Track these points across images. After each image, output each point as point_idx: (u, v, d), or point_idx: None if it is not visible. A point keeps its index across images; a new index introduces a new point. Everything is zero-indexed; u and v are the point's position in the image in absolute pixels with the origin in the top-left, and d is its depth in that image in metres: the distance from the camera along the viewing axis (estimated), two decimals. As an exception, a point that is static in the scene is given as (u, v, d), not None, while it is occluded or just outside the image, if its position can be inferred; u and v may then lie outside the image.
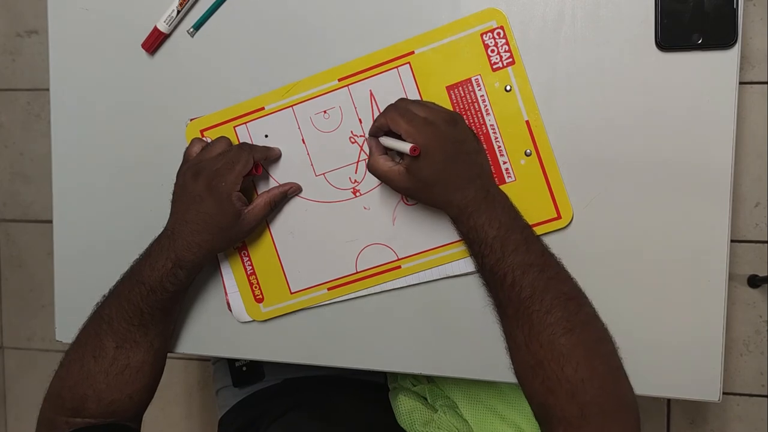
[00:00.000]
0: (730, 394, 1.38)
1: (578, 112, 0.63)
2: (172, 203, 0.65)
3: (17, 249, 1.63)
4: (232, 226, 0.64)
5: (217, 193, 0.62)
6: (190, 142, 0.67)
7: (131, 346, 0.64)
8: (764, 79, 1.31)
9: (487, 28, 0.63)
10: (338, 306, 0.70)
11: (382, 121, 0.59)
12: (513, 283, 0.57)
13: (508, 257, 0.57)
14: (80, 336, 0.66)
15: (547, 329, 0.55)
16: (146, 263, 0.64)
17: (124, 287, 0.65)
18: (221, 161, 0.63)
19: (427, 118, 0.58)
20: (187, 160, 0.66)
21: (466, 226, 0.59)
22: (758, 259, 1.35)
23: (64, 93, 0.73)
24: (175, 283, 0.64)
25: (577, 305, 0.57)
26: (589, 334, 0.57)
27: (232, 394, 0.90)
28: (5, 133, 1.62)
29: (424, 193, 0.60)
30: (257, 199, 0.66)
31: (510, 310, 0.57)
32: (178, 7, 0.68)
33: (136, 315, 0.64)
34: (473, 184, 0.59)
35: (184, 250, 0.63)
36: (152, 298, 0.63)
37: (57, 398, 0.65)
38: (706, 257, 0.63)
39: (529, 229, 0.60)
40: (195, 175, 0.63)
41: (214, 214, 0.62)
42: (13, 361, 1.66)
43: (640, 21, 0.61)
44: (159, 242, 0.64)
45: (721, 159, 0.62)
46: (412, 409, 0.74)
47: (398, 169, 0.59)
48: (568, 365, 0.54)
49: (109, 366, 0.63)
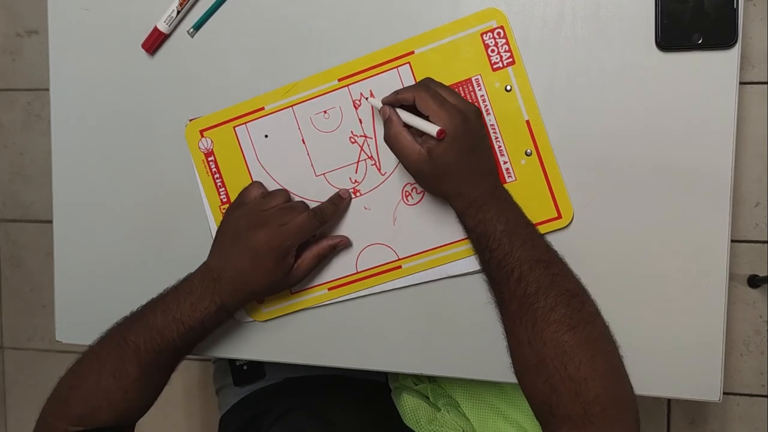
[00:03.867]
0: (730, 394, 1.38)
1: (578, 112, 0.63)
2: (218, 242, 0.65)
3: (17, 249, 1.63)
4: (281, 280, 0.64)
5: (275, 251, 0.62)
6: (250, 184, 0.67)
7: (157, 371, 0.64)
8: (764, 79, 1.31)
9: (487, 28, 0.63)
10: (339, 306, 0.70)
11: (407, 96, 0.59)
12: (519, 278, 0.56)
13: (516, 252, 0.57)
14: (99, 353, 0.65)
15: (551, 326, 0.55)
16: (186, 302, 0.63)
17: (157, 320, 0.63)
18: (288, 218, 0.62)
19: (458, 106, 0.58)
20: (243, 202, 0.66)
21: (475, 220, 0.59)
22: (758, 259, 1.35)
23: (64, 93, 0.73)
24: (214, 323, 0.64)
25: (580, 302, 0.57)
26: (591, 331, 0.56)
27: (232, 394, 0.89)
28: (5, 133, 1.62)
29: (437, 180, 0.59)
30: (305, 254, 0.65)
31: (514, 305, 0.57)
32: (178, 7, 0.68)
33: (169, 349, 0.63)
34: (485, 179, 0.60)
35: (229, 295, 0.62)
36: (190, 335, 0.63)
37: (63, 403, 0.64)
38: (707, 257, 0.63)
39: (534, 226, 0.61)
40: (254, 225, 0.62)
41: (269, 270, 0.62)
42: (13, 361, 1.66)
43: (640, 21, 0.61)
44: (202, 282, 0.63)
45: (721, 158, 0.62)
46: (417, 407, 0.74)
47: (419, 149, 0.58)
48: (571, 363, 0.54)
49: (129, 385, 0.63)
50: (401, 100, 0.60)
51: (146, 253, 0.73)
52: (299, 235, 0.62)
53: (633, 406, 0.56)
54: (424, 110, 0.58)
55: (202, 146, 0.70)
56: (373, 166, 0.67)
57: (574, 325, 0.55)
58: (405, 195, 0.67)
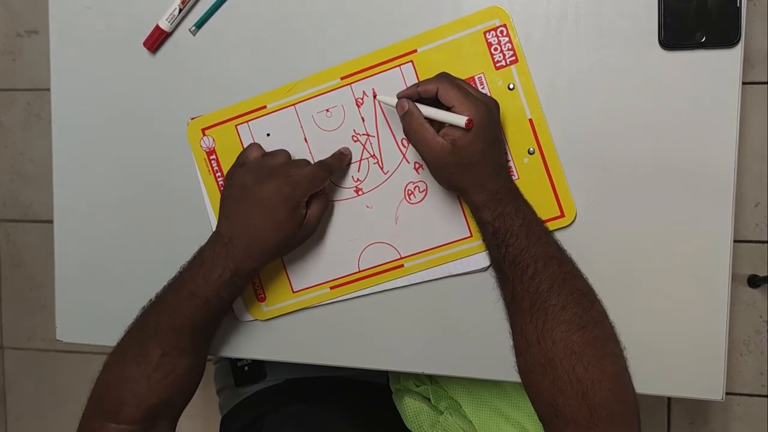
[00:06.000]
0: (730, 394, 1.38)
1: (581, 110, 0.63)
2: (224, 204, 0.63)
3: (17, 249, 1.63)
4: (295, 233, 0.63)
5: (288, 199, 0.60)
6: (249, 145, 0.66)
7: (178, 354, 0.62)
8: (764, 79, 1.32)
9: (490, 27, 0.63)
10: (340, 305, 0.70)
11: (430, 87, 0.58)
12: (534, 275, 0.56)
13: (533, 247, 0.57)
14: (123, 341, 0.64)
15: (561, 325, 0.55)
16: (199, 273, 0.61)
17: (173, 298, 0.62)
18: (296, 170, 0.61)
19: (481, 99, 0.58)
20: (244, 162, 0.64)
21: (495, 213, 0.58)
22: (758, 259, 1.35)
23: (65, 91, 0.73)
24: (232, 292, 0.62)
25: (590, 302, 0.57)
26: (600, 332, 0.56)
27: (233, 395, 0.89)
28: (5, 133, 1.61)
29: (461, 172, 0.58)
30: (312, 203, 0.64)
31: (526, 303, 0.57)
32: (180, 5, 0.68)
33: (187, 325, 0.61)
34: (503, 172, 0.60)
35: (244, 257, 0.61)
36: (206, 309, 0.61)
37: (98, 401, 0.62)
38: (710, 256, 0.63)
39: (545, 223, 0.61)
40: (260, 178, 0.61)
41: (281, 220, 0.61)
42: (13, 361, 1.66)
43: (643, 19, 0.61)
44: (213, 249, 0.62)
45: (724, 157, 0.62)
46: (419, 411, 0.74)
47: (443, 142, 0.58)
48: (579, 364, 0.53)
49: (152, 371, 0.61)
50: (423, 92, 0.59)
51: (147, 253, 0.73)
52: (310, 184, 0.61)
53: (637, 411, 0.56)
54: (447, 101, 0.57)
55: (204, 145, 0.70)
56: (376, 165, 0.67)
57: (584, 324, 0.55)
58: (407, 194, 0.67)
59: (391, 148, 0.66)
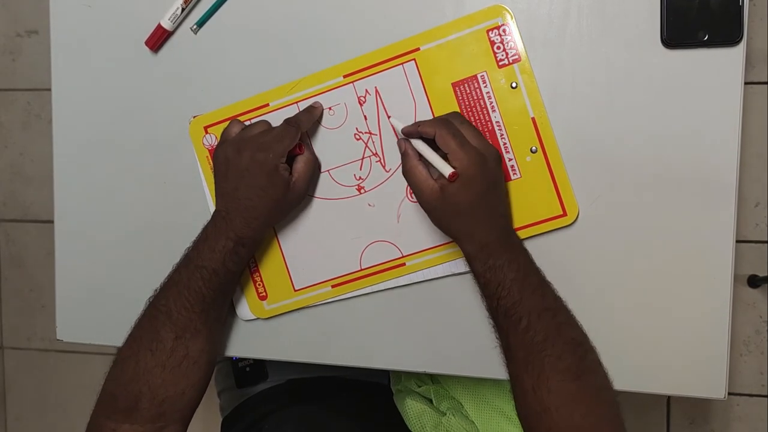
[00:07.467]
0: (731, 394, 1.38)
1: (584, 109, 0.63)
2: (216, 183, 0.64)
3: (17, 249, 1.63)
4: (284, 195, 0.63)
5: (264, 165, 0.61)
6: (229, 123, 0.67)
7: (191, 335, 0.62)
8: (764, 79, 1.32)
9: (492, 25, 0.63)
10: (342, 303, 0.69)
11: (428, 130, 0.58)
12: (527, 327, 0.56)
13: (526, 301, 0.57)
14: (134, 332, 0.64)
15: (558, 375, 0.55)
16: (204, 247, 0.62)
17: (181, 275, 0.63)
18: (268, 136, 0.62)
19: (478, 149, 0.58)
20: (225, 139, 0.65)
21: (485, 266, 0.58)
22: (758, 259, 1.35)
23: (66, 90, 0.73)
24: (237, 262, 0.63)
25: (584, 351, 0.58)
26: (595, 381, 0.57)
27: (234, 396, 0.89)
28: (5, 133, 1.61)
29: (448, 217, 0.59)
30: (296, 164, 0.64)
31: (521, 353, 0.57)
32: (182, 4, 0.68)
33: (198, 301, 0.62)
34: (498, 224, 0.59)
35: (243, 227, 0.62)
36: (215, 280, 0.62)
37: (110, 398, 0.62)
38: (712, 255, 0.63)
39: (542, 273, 0.60)
40: (239, 149, 0.62)
41: (264, 186, 0.61)
42: (13, 361, 1.65)
43: (646, 18, 0.61)
44: (214, 225, 0.63)
45: (726, 156, 0.61)
46: (421, 413, 0.74)
47: (433, 185, 0.58)
48: (577, 412, 0.54)
49: (166, 359, 0.61)
50: (422, 133, 0.59)
51: (148, 251, 0.73)
52: (280, 144, 0.61)
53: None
54: (443, 148, 0.57)
55: (206, 143, 0.70)
56: (378, 163, 0.67)
57: (580, 374, 0.55)
58: (409, 192, 0.67)
59: (393, 147, 0.66)
